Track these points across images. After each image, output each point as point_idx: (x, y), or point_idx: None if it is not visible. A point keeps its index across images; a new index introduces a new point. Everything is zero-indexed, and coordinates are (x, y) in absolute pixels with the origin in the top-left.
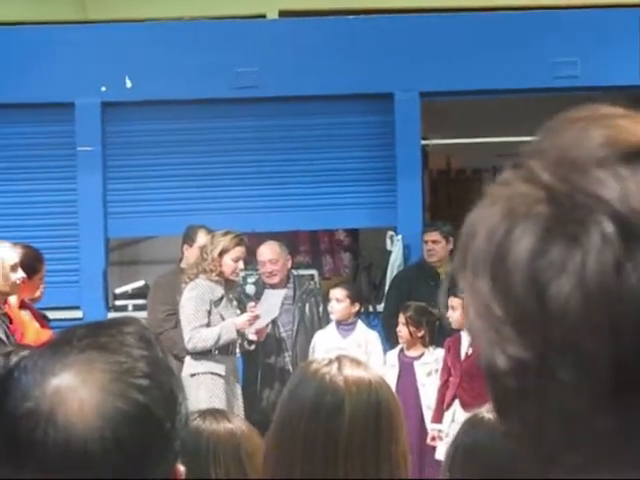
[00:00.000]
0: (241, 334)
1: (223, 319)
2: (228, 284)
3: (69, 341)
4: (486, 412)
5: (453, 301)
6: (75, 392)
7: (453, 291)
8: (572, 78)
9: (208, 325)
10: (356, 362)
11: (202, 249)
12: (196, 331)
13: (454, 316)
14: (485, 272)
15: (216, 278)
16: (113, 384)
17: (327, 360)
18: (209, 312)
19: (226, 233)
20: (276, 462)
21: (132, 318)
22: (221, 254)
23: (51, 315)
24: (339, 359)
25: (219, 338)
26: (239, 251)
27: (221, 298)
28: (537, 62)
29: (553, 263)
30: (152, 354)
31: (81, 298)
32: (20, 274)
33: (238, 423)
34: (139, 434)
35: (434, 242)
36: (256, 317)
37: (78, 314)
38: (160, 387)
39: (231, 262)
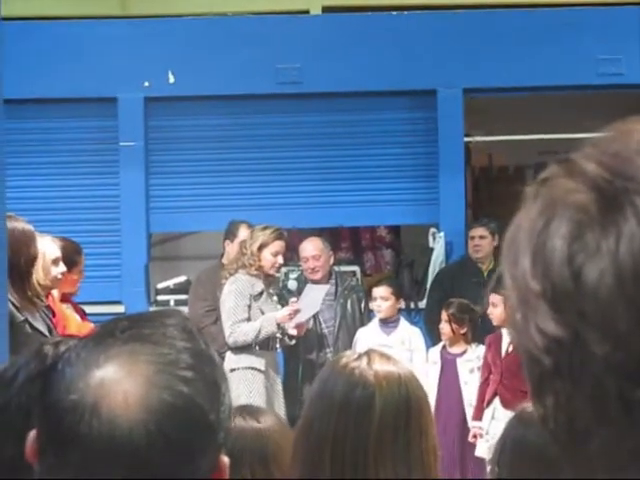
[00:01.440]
0: (281, 329)
1: (263, 314)
2: (268, 279)
3: (112, 333)
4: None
5: (494, 298)
6: (119, 384)
7: (495, 288)
8: (616, 75)
9: (248, 320)
10: (386, 357)
11: (242, 244)
12: (237, 326)
13: (495, 313)
14: (526, 256)
15: (255, 272)
16: (157, 376)
17: (357, 355)
18: (249, 307)
19: (265, 228)
20: (304, 457)
21: (174, 310)
22: (260, 248)
23: (93, 310)
24: (368, 353)
25: (259, 332)
26: (278, 245)
27: (261, 293)
28: (581, 59)
29: (589, 244)
30: (195, 345)
31: (123, 293)
32: (62, 268)
33: (269, 422)
34: (184, 426)
35: (481, 237)
36: (297, 311)
37: (120, 309)
38: (204, 378)
39: (270, 256)
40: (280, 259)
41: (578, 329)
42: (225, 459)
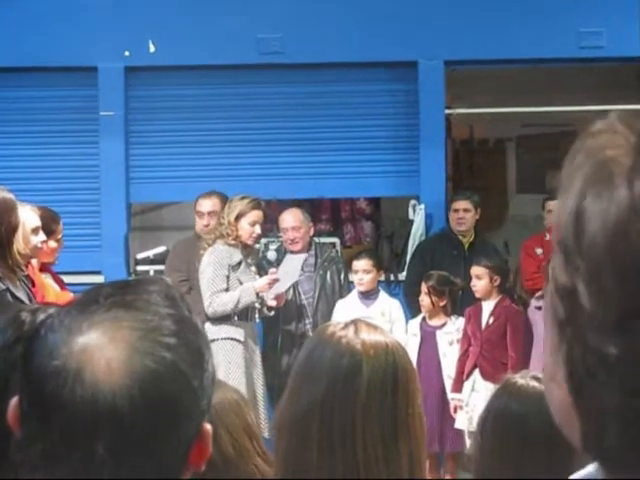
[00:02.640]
0: (261, 299)
1: (241, 284)
2: (246, 249)
3: (96, 299)
4: (519, 378)
5: (478, 270)
6: (102, 350)
7: (479, 260)
8: (597, 48)
9: (227, 290)
10: (372, 326)
11: (219, 214)
12: (215, 296)
13: (479, 285)
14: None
15: (233, 242)
16: (141, 342)
17: (343, 324)
18: (227, 277)
19: (243, 197)
20: (291, 426)
21: (157, 277)
22: (237, 218)
23: (72, 280)
24: (355, 323)
25: (238, 301)
26: (255, 215)
27: (239, 263)
28: (563, 32)
29: (592, 204)
30: (178, 312)
31: (102, 263)
32: (41, 237)
33: (224, 395)
34: (167, 392)
35: (465, 210)
36: (276, 280)
37: (99, 279)
38: (187, 345)
39: (247, 226)
40: (257, 229)
41: (575, 282)
42: (207, 426)
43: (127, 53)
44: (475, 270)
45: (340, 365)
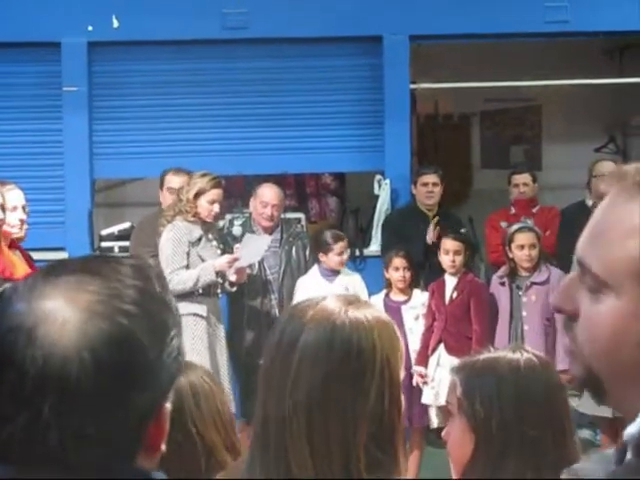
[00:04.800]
0: (222, 275)
1: (202, 260)
2: (206, 225)
3: (64, 265)
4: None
5: (454, 245)
6: (59, 311)
7: (450, 234)
8: (562, 23)
9: (188, 266)
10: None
11: (179, 190)
12: (175, 273)
13: (458, 260)
14: None
15: (192, 219)
16: (99, 305)
17: (314, 301)
18: (188, 253)
19: (203, 175)
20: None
21: (139, 255)
22: (197, 196)
23: (36, 256)
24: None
25: (198, 280)
26: (215, 194)
27: (199, 239)
28: (528, 6)
29: None
30: (146, 285)
31: (66, 239)
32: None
33: (196, 377)
34: (120, 358)
35: (434, 185)
36: (235, 259)
37: (63, 255)
38: (149, 316)
39: (207, 204)
40: (216, 207)
41: None
42: (167, 406)
43: (90, 28)
44: (452, 245)
45: (334, 344)
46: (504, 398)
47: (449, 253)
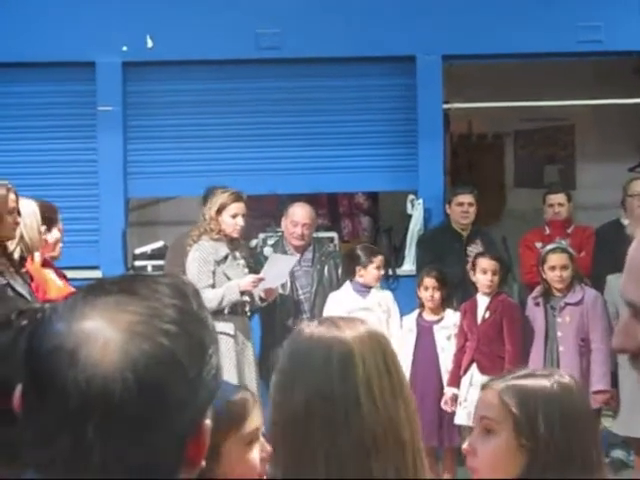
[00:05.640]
0: (249, 294)
1: (228, 278)
2: (233, 243)
3: (102, 286)
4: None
5: (490, 264)
6: (100, 332)
7: (484, 253)
8: (595, 42)
9: (214, 286)
10: (348, 319)
11: (202, 210)
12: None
13: (495, 280)
14: None
15: (217, 237)
16: (140, 326)
17: (317, 322)
18: (214, 272)
19: (224, 191)
20: (289, 422)
21: (174, 273)
22: (219, 211)
23: (70, 275)
24: (330, 319)
25: (222, 299)
26: (237, 207)
27: (226, 257)
28: (561, 26)
29: None
30: (184, 304)
31: (100, 258)
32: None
33: (243, 396)
34: (161, 378)
35: (469, 205)
36: (260, 280)
37: (97, 274)
38: (188, 335)
39: (229, 219)
40: (240, 220)
41: None
42: (207, 422)
43: (125, 48)
44: (489, 264)
45: (331, 355)
46: (564, 419)
47: (487, 272)
